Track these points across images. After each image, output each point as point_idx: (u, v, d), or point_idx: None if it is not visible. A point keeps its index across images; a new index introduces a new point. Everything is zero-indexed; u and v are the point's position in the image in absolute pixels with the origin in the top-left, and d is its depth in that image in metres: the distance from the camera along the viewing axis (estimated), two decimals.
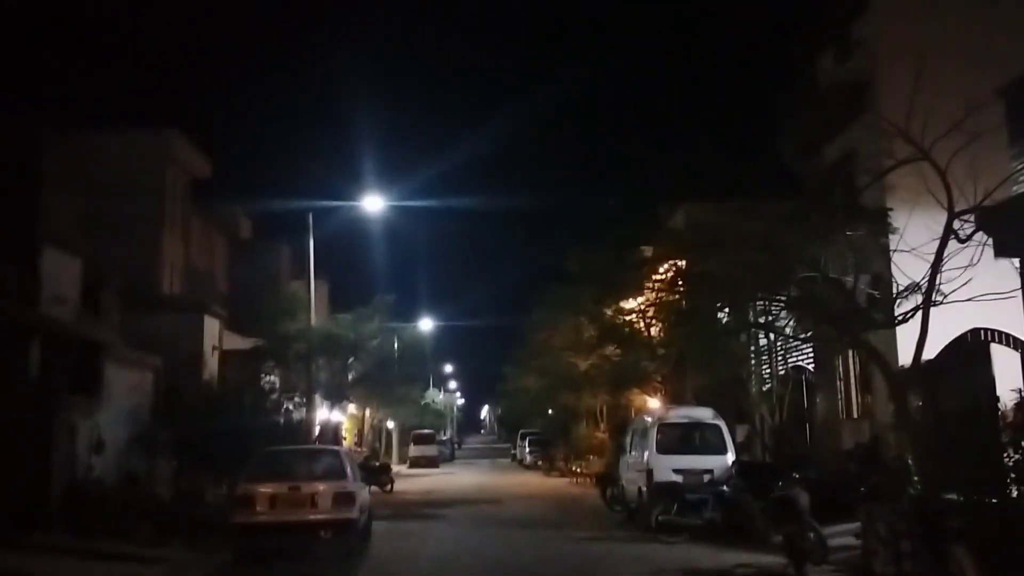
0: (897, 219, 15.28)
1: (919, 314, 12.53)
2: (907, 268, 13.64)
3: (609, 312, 26.69)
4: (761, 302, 17.04)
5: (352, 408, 45.49)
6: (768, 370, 21.38)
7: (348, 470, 14.87)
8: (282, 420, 28.15)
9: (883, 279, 15.25)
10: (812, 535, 12.02)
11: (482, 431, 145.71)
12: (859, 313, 13.32)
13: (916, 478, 11.96)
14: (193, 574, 13.29)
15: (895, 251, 13.76)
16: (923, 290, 12.47)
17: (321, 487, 14.15)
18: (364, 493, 16.11)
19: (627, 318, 25.89)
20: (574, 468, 39.34)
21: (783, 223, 15.95)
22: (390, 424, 59.07)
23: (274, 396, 28.54)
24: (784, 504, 12.13)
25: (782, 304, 15.21)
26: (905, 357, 13.84)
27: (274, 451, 15.95)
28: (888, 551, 9.38)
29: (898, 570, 9.31)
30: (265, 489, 13.96)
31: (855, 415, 20.27)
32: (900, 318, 13.17)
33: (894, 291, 13.72)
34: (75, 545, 14.13)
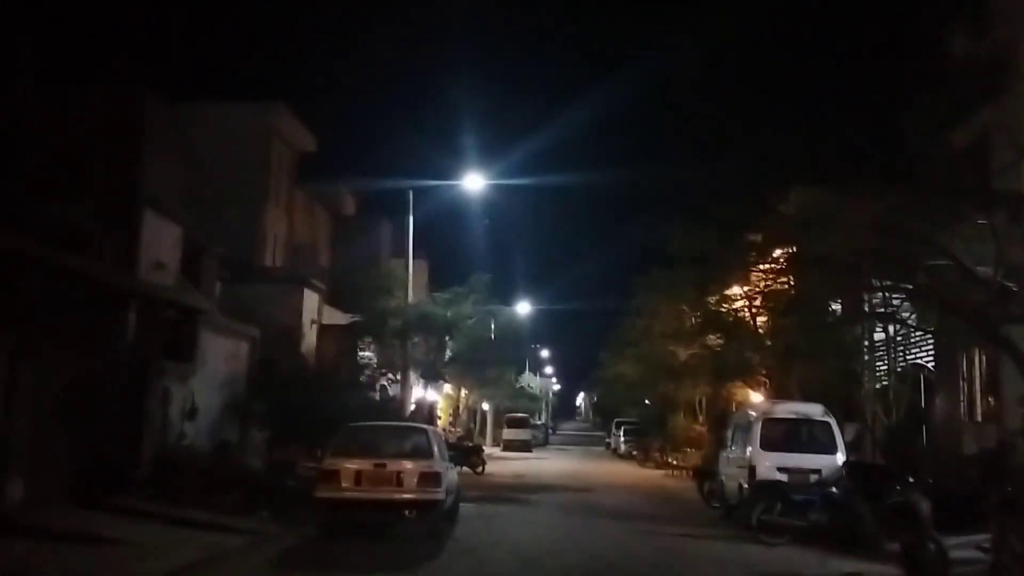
0: None
1: None
2: None
3: (712, 299, 25.60)
4: (880, 291, 15.86)
5: (447, 388, 45.47)
6: (884, 366, 20.04)
7: (435, 449, 14.42)
8: (377, 396, 28.18)
9: (1020, 270, 13.97)
10: (932, 546, 10.94)
11: (577, 418, 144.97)
12: (997, 304, 12.11)
13: None
14: (276, 546, 13.02)
15: None
16: None
17: (407, 465, 13.74)
18: (452, 474, 15.65)
19: (731, 306, 24.77)
20: (670, 460, 38.35)
21: (907, 208, 14.80)
22: (485, 406, 58.96)
23: (368, 372, 28.54)
24: (903, 511, 11.09)
25: (906, 293, 14.02)
26: None
27: (361, 426, 15.62)
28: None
29: None
30: (351, 465, 13.63)
31: (978, 419, 18.83)
32: None
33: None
34: (162, 510, 14.07)
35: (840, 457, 16.47)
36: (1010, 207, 13.61)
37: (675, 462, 36.92)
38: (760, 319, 24.29)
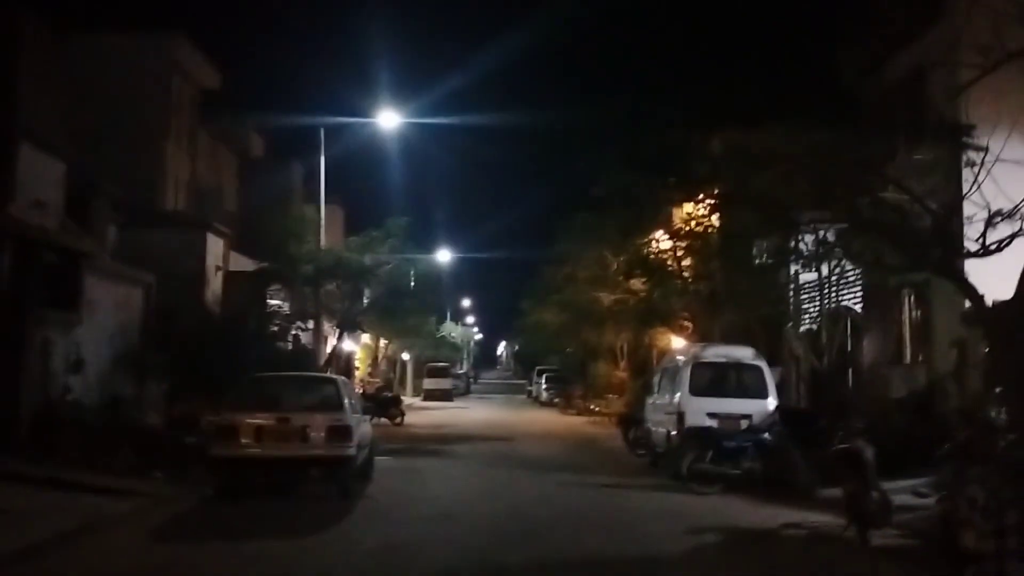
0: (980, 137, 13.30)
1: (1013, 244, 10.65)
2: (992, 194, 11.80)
3: (638, 243, 24.85)
4: (814, 229, 15.18)
5: (366, 338, 44.20)
6: (815, 308, 19.54)
7: (345, 401, 13.26)
8: (290, 346, 26.81)
9: (956, 206, 13.40)
10: (876, 494, 10.34)
11: (499, 367, 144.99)
12: (945, 238, 11.45)
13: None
14: (167, 510, 11.79)
15: (985, 169, 11.79)
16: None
17: (314, 419, 12.60)
18: (364, 427, 14.56)
19: (657, 249, 24.06)
20: (592, 407, 38.04)
21: (842, 145, 14.08)
22: (405, 356, 57.90)
23: (279, 321, 27.09)
24: (847, 458, 10.43)
25: (850, 224, 13.31)
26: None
27: (263, 377, 14.38)
28: (987, 522, 7.65)
29: (999, 546, 7.61)
30: (251, 420, 12.43)
31: (907, 361, 18.49)
32: (995, 245, 11.29)
33: (970, 217, 11.89)
34: (40, 474, 12.68)
35: (772, 402, 15.89)
36: (952, 138, 12.93)
37: (597, 409, 36.60)
38: (685, 263, 23.65)
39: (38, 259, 15.40)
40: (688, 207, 22.96)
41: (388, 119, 28.49)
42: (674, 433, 15.99)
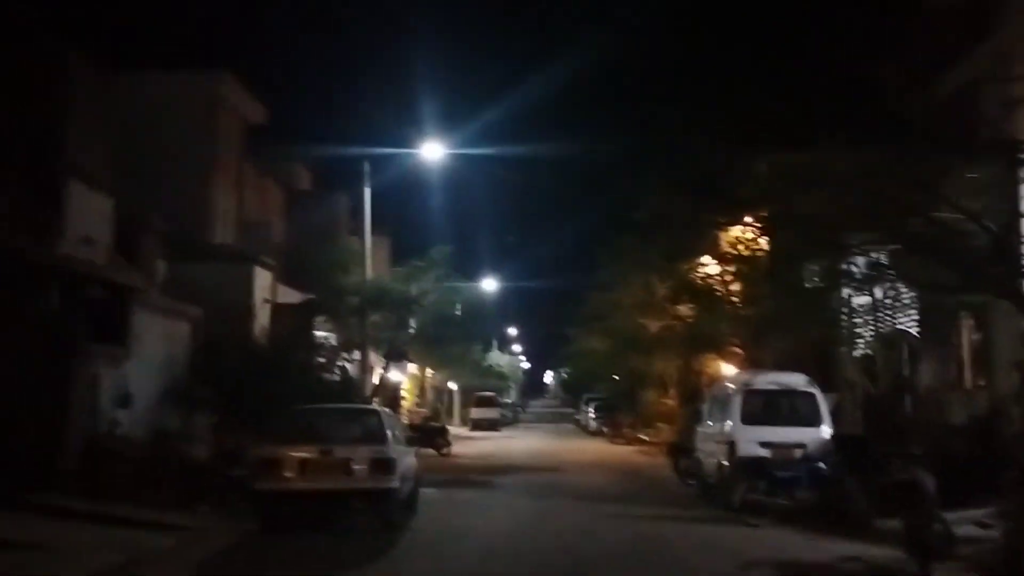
0: None
1: None
2: None
3: (684, 267, 24.50)
4: (865, 250, 14.77)
5: (413, 368, 44.21)
6: (871, 331, 19.03)
7: (388, 433, 13.13)
8: (337, 378, 26.83)
9: (1014, 224, 12.95)
10: (938, 525, 9.90)
11: (547, 395, 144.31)
12: (1005, 258, 11.03)
13: None
14: (211, 545, 11.70)
15: None
16: None
17: (357, 451, 12.46)
18: (408, 458, 14.39)
19: (703, 273, 23.68)
20: (641, 436, 37.50)
21: (891, 163, 13.73)
22: (452, 385, 57.83)
23: (326, 352, 27.15)
24: (906, 488, 10.01)
25: (902, 244, 12.90)
26: None
27: (307, 410, 14.30)
28: None
29: None
30: (294, 453, 12.33)
31: (967, 386, 17.88)
32: None
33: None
34: (87, 507, 12.71)
35: (826, 430, 15.43)
36: (1008, 155, 12.51)
37: (646, 438, 36.07)
38: (733, 287, 23.24)
39: (86, 294, 15.55)
40: (735, 230, 22.61)
41: (432, 150, 28.57)
42: (725, 463, 15.59)
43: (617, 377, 46.54)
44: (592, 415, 52.12)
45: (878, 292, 16.74)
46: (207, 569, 10.56)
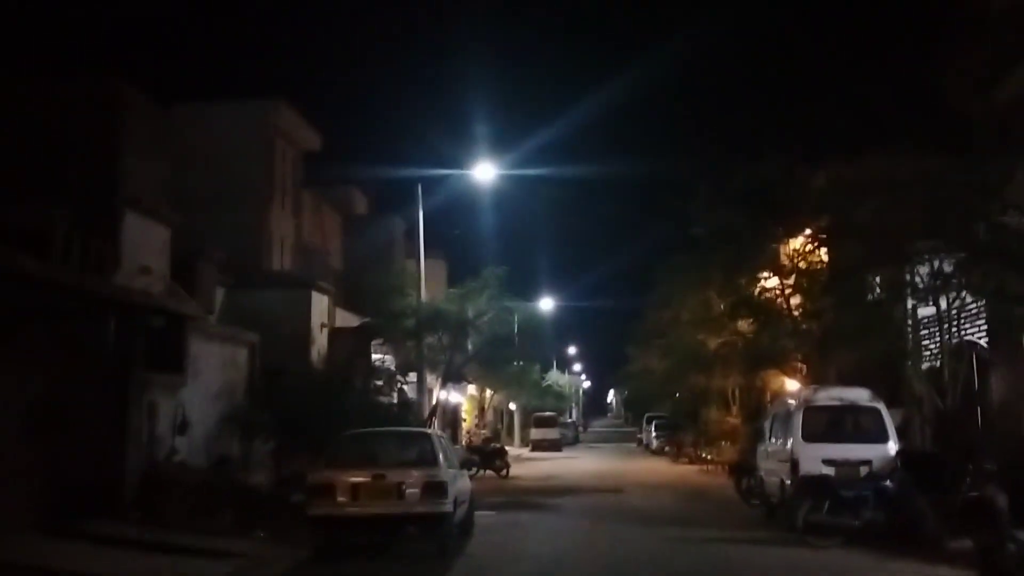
0: None
1: None
2: None
3: (742, 282, 24.02)
4: (928, 259, 14.28)
5: (472, 389, 44.16)
6: (937, 343, 18.36)
7: (440, 456, 12.98)
8: (395, 400, 26.86)
9: None
10: (1012, 546, 9.42)
11: (608, 414, 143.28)
12: None
13: None
14: (265, 573, 11.66)
15: None
16: None
17: (409, 475, 12.34)
18: (463, 482, 14.23)
19: (763, 287, 23.19)
20: (704, 455, 36.83)
21: (954, 168, 13.27)
22: (512, 406, 57.64)
23: (384, 376, 27.22)
24: (979, 507, 9.55)
25: (967, 251, 12.43)
26: None
27: (359, 434, 14.26)
28: None
29: None
30: (346, 477, 12.26)
31: None
32: None
33: None
34: (145, 536, 12.77)
35: (892, 446, 14.88)
36: None
37: (709, 457, 35.42)
38: (794, 301, 22.71)
39: (143, 323, 15.75)
40: (794, 243, 22.15)
41: (485, 171, 28.57)
42: (788, 482, 15.13)
43: (678, 395, 45.89)
44: (654, 434, 51.48)
45: (943, 303, 16.14)
46: None
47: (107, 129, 16.82)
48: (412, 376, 27.43)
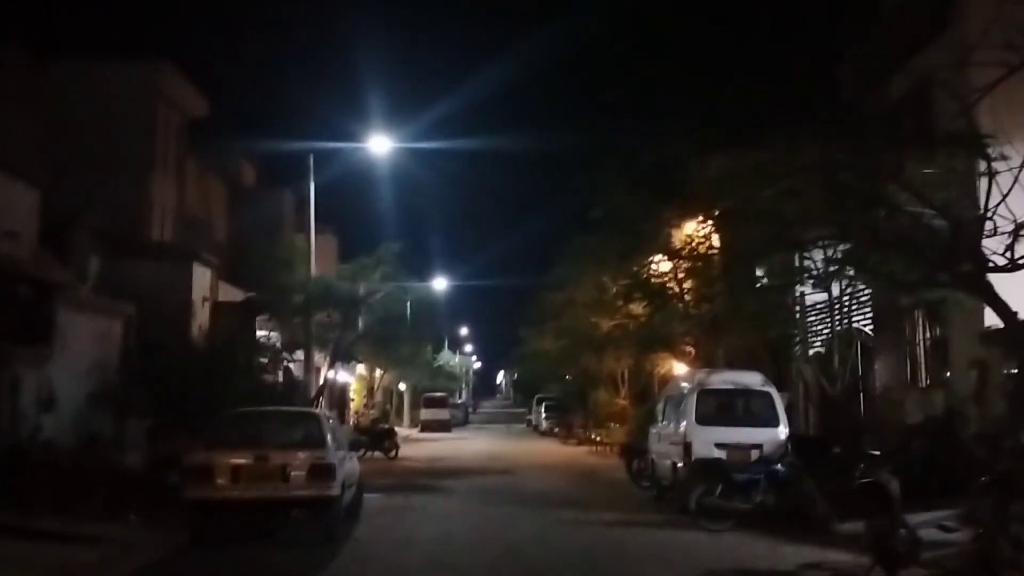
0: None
1: None
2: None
3: (637, 267, 24.06)
4: (821, 246, 14.42)
5: (361, 369, 43.32)
6: (825, 329, 18.73)
7: (328, 437, 12.39)
8: (280, 379, 25.97)
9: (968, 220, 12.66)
10: (903, 531, 9.49)
11: (498, 395, 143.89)
12: (973, 251, 10.68)
13: None
14: (136, 559, 10.89)
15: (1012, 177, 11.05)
16: None
17: (294, 457, 11.74)
18: (350, 463, 13.69)
19: (656, 272, 23.28)
20: (593, 436, 37.10)
21: (851, 156, 13.35)
22: (402, 386, 56.98)
23: (269, 353, 26.28)
24: (872, 492, 9.58)
25: (854, 244, 12.54)
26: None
27: (241, 413, 13.48)
28: None
29: None
30: (226, 458, 11.57)
31: (922, 385, 17.66)
32: (1023, 259, 10.52)
33: (990, 231, 11.12)
34: (6, 521, 11.81)
35: (783, 430, 15.03)
36: (969, 149, 12.19)
37: (598, 438, 35.67)
38: (687, 285, 22.86)
39: (8, 291, 14.64)
40: (689, 227, 22.26)
41: (380, 144, 27.73)
42: (680, 465, 15.13)
43: (569, 377, 46.15)
44: (544, 415, 51.73)
45: (835, 289, 16.41)
46: None
47: None
48: (299, 354, 26.52)
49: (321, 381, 28.33)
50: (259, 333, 26.45)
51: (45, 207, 17.35)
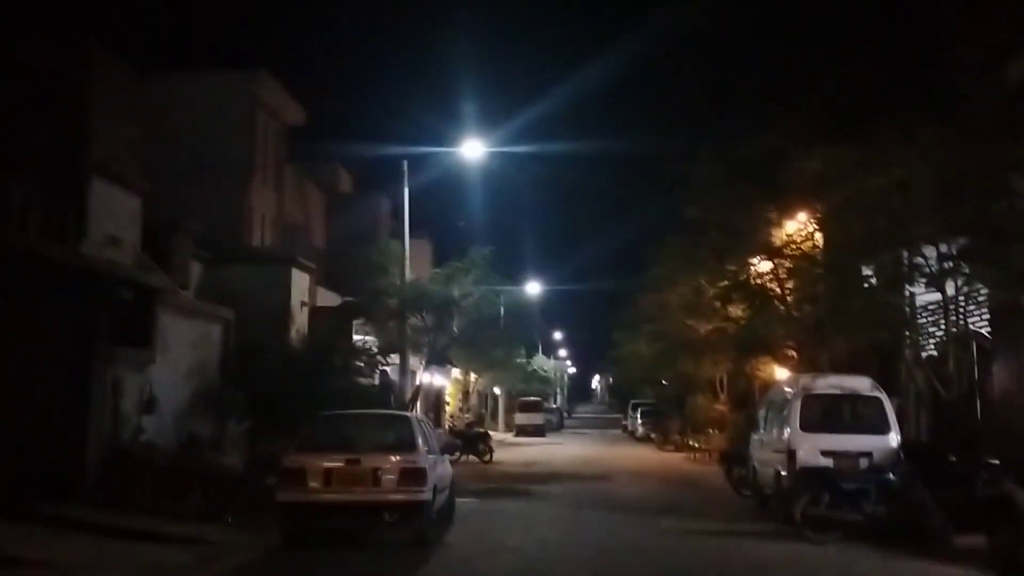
0: None
1: None
2: None
3: (735, 267, 23.34)
4: (934, 245, 13.61)
5: (456, 373, 43.45)
6: (938, 332, 17.74)
7: (419, 440, 12.23)
8: (376, 382, 26.15)
9: None
10: None
11: (594, 400, 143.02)
12: None
13: None
14: (230, 561, 10.91)
15: None
16: None
17: (386, 460, 11.61)
18: (443, 467, 13.51)
19: (756, 271, 22.52)
20: (690, 442, 36.27)
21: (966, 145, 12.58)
22: (496, 390, 57.00)
23: (365, 357, 26.47)
24: (998, 505, 8.90)
25: (970, 240, 11.75)
26: None
27: (333, 416, 13.46)
28: None
29: None
30: (318, 461, 11.52)
31: None
32: None
33: None
34: (105, 521, 12.04)
35: (894, 437, 14.22)
36: None
37: (696, 444, 34.85)
38: (788, 286, 22.04)
39: (109, 295, 14.94)
40: (789, 226, 21.48)
41: (473, 148, 27.79)
42: (784, 473, 14.47)
43: (665, 382, 45.33)
44: (640, 421, 50.96)
45: (949, 288, 15.49)
46: None
47: (74, 92, 15.92)
48: (394, 358, 26.66)
49: (416, 384, 28.41)
50: (355, 337, 26.66)
51: (147, 214, 17.73)
